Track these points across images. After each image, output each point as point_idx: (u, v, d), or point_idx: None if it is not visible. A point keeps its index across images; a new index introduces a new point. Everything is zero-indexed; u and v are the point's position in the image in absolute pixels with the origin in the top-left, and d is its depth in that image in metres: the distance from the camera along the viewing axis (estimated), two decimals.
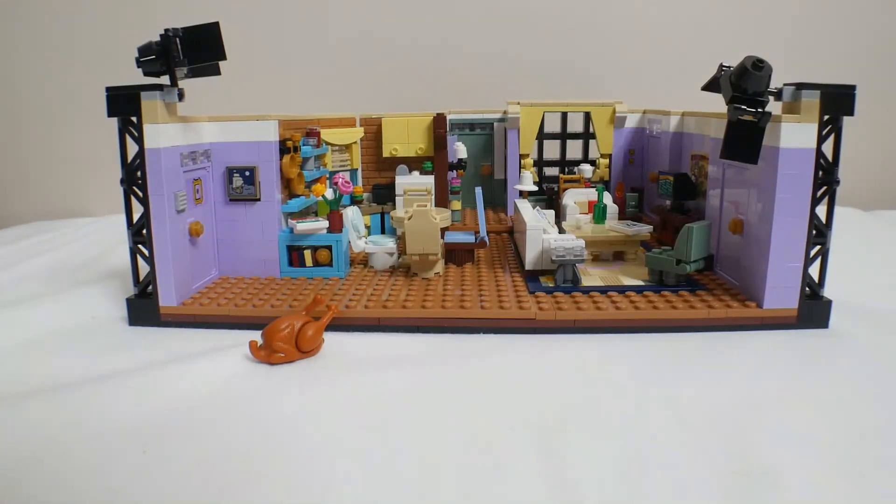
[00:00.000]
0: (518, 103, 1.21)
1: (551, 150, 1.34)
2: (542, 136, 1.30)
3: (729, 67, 0.77)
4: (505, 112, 1.25)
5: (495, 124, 1.30)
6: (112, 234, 1.41)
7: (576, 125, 1.32)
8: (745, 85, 0.71)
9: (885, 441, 0.52)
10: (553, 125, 1.32)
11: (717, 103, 0.87)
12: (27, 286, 1.00)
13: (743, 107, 0.71)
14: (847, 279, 0.90)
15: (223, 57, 0.77)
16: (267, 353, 0.68)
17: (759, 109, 0.71)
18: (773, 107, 0.73)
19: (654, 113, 1.19)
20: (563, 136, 1.33)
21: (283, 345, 0.68)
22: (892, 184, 1.73)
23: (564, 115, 1.31)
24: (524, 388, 0.62)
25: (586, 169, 1.16)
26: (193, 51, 0.76)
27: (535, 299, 0.79)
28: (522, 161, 1.22)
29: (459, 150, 1.16)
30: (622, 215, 1.09)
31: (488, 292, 0.82)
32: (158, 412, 0.57)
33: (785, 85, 0.74)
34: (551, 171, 1.32)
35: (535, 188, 1.11)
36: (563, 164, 1.33)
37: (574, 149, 1.33)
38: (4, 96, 1.70)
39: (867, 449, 0.51)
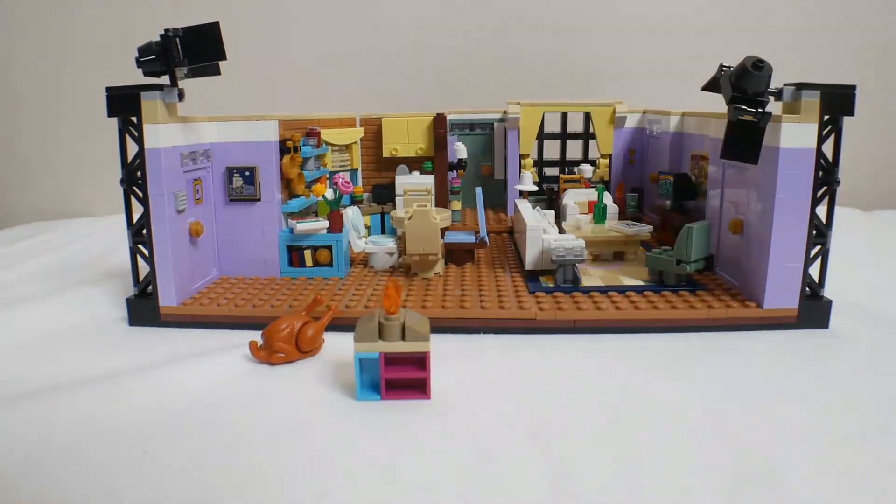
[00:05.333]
0: (518, 103, 1.21)
1: (551, 150, 1.34)
2: (542, 136, 1.30)
3: (729, 67, 0.77)
4: (505, 112, 1.25)
5: (495, 124, 1.30)
6: (112, 234, 1.41)
7: (576, 125, 1.32)
8: (745, 85, 0.71)
9: (885, 441, 0.52)
10: (553, 125, 1.32)
11: (716, 103, 0.87)
12: (27, 286, 1.00)
13: (743, 107, 0.71)
14: (847, 279, 0.90)
15: (223, 57, 0.77)
16: (267, 354, 0.68)
17: (760, 109, 0.71)
18: (773, 107, 0.73)
19: (653, 113, 1.19)
20: (563, 136, 1.33)
21: (283, 345, 0.68)
22: (892, 184, 1.73)
23: (564, 116, 1.31)
24: (524, 388, 0.62)
25: (586, 169, 1.16)
26: (193, 51, 0.76)
27: (536, 299, 0.79)
28: (522, 161, 1.22)
29: (459, 150, 1.16)
30: (622, 215, 1.09)
31: (488, 292, 0.82)
32: (159, 412, 0.57)
33: (785, 85, 0.74)
34: (551, 172, 1.32)
35: (536, 188, 1.11)
36: (563, 164, 1.33)
37: (574, 149, 1.33)
38: (4, 96, 1.70)
39: (867, 449, 0.51)
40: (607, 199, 1.04)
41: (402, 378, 0.59)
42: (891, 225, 1.46)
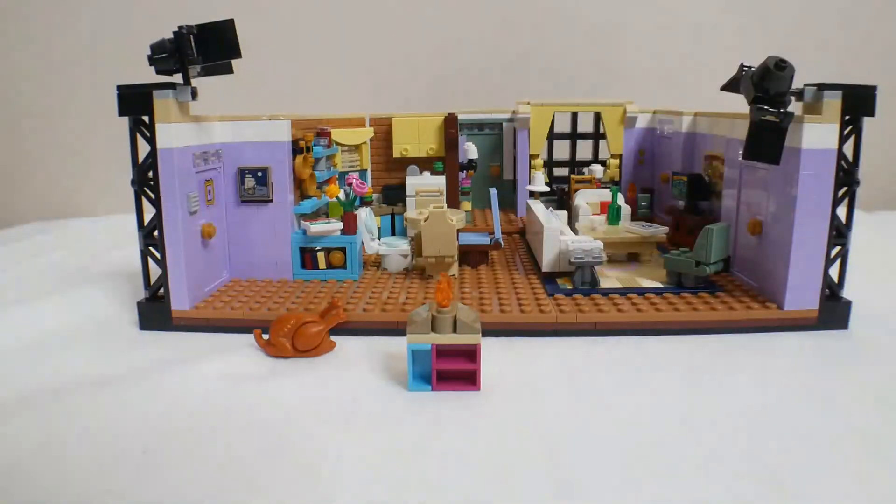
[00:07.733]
0: (528, 103, 1.20)
1: (561, 150, 1.33)
2: (552, 136, 1.29)
3: (750, 68, 0.77)
4: (514, 112, 1.24)
5: (504, 124, 1.29)
6: (112, 234, 1.39)
7: (586, 125, 1.31)
8: (767, 85, 0.70)
9: None
10: (563, 125, 1.31)
11: (726, 103, 0.86)
12: (27, 286, 0.98)
13: (766, 107, 0.71)
14: (862, 280, 0.90)
15: (238, 55, 0.76)
16: (265, 343, 0.70)
17: (782, 109, 0.71)
18: (794, 107, 0.73)
19: (664, 113, 1.19)
20: (574, 136, 1.32)
21: (280, 339, 0.68)
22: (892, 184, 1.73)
23: (575, 115, 1.30)
24: (538, 389, 0.61)
25: (597, 169, 1.15)
26: (208, 48, 0.74)
27: (555, 302, 0.79)
28: (532, 161, 1.21)
29: (470, 150, 1.15)
30: (634, 216, 1.09)
31: (506, 295, 0.81)
32: (161, 415, 0.56)
33: (806, 86, 0.74)
34: (561, 172, 1.32)
35: (547, 189, 1.10)
36: (574, 164, 1.32)
37: (584, 149, 1.32)
38: (5, 96, 1.67)
39: (885, 450, 0.50)
40: (621, 199, 1.04)
41: (453, 369, 0.61)
42: (891, 225, 1.46)
